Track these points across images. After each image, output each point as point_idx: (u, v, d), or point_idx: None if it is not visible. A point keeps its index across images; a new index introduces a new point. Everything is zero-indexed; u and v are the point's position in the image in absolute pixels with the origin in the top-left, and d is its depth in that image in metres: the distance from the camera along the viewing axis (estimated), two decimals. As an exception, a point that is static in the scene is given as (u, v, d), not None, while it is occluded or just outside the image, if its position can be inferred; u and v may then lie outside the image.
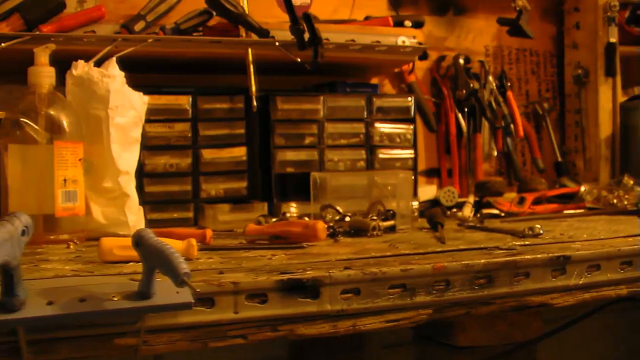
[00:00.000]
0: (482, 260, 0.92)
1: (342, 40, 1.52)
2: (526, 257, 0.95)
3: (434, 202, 1.71)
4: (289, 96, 1.52)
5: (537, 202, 1.62)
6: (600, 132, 1.85)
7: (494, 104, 1.82)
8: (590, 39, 1.89)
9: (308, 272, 0.85)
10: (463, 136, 1.81)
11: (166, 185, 1.44)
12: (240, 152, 1.49)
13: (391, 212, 1.25)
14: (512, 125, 1.80)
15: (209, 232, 1.12)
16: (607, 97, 1.86)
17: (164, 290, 0.74)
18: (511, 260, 0.94)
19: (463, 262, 0.92)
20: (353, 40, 1.53)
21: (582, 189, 1.68)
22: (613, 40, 1.84)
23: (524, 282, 0.95)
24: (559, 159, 1.91)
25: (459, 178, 1.81)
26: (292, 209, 1.51)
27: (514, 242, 1.07)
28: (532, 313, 1.05)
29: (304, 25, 1.41)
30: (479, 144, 1.80)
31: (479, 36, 1.91)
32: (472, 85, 1.78)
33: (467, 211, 1.60)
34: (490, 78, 1.84)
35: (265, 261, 0.95)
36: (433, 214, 1.31)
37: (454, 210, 1.63)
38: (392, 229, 1.24)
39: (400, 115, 1.60)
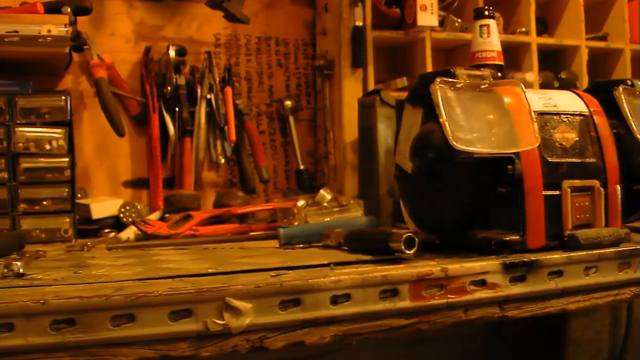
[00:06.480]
0: None
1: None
2: None
3: (117, 219, 1.43)
4: None
5: (220, 220, 1.33)
6: (344, 134, 1.54)
7: (213, 102, 1.53)
8: (335, 24, 1.58)
9: None
10: (171, 140, 1.52)
11: None
12: None
13: None
14: (226, 128, 1.51)
15: None
16: (353, 93, 1.54)
17: None
18: None
19: None
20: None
21: (300, 203, 1.39)
22: (359, 23, 1.53)
23: None
24: (300, 167, 1.61)
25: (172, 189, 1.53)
26: None
27: None
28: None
29: None
30: (187, 150, 1.51)
31: (207, 23, 1.61)
32: (176, 80, 1.49)
33: (129, 232, 1.32)
34: (216, 72, 1.55)
35: None
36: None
37: (107, 230, 1.36)
38: None
39: (57, 118, 1.34)
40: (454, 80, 0.95)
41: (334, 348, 0.90)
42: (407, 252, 0.89)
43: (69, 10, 1.35)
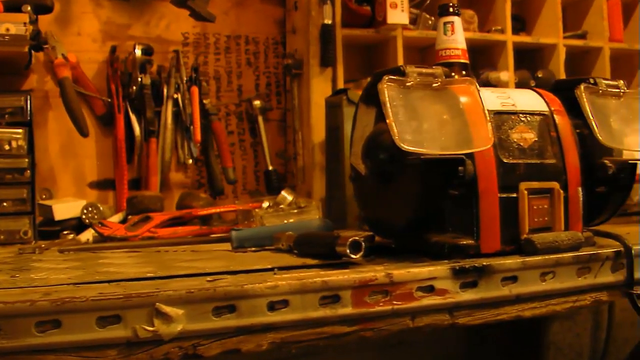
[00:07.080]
0: None
1: None
2: None
3: (79, 221, 1.41)
4: None
5: (181, 222, 1.31)
6: (313, 134, 1.51)
7: (180, 102, 1.51)
8: (305, 22, 1.56)
9: None
10: (136, 141, 1.50)
11: None
12: None
13: None
14: (191, 128, 1.49)
15: None
16: (322, 92, 1.51)
17: None
18: None
19: None
20: None
21: (265, 205, 1.36)
22: (328, 21, 1.50)
23: None
24: (269, 168, 1.58)
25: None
26: None
27: None
28: None
29: None
30: (153, 150, 1.49)
31: (175, 22, 1.58)
32: (141, 79, 1.47)
33: (88, 234, 1.30)
34: (183, 72, 1.53)
35: None
36: None
37: (66, 232, 1.33)
38: None
39: (17, 118, 1.32)
40: (404, 79, 0.92)
41: (281, 355, 0.87)
42: (353, 256, 0.86)
43: (29, 8, 1.32)
